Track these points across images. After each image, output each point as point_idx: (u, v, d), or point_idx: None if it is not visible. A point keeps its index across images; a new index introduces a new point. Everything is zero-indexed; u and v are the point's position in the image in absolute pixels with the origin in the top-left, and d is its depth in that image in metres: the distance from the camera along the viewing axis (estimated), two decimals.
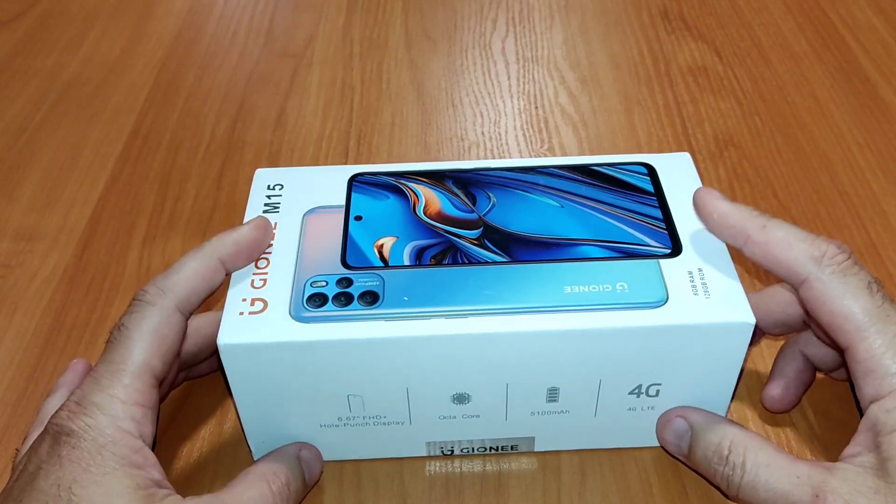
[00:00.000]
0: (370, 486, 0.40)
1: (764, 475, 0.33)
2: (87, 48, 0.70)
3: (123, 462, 0.32)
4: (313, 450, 0.39)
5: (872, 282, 0.34)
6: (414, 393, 0.36)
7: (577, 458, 0.40)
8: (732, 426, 0.36)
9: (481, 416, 0.38)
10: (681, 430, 0.37)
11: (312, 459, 0.38)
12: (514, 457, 0.40)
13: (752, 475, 0.34)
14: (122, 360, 0.33)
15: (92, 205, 0.55)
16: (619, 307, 0.35)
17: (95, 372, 0.34)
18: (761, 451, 0.34)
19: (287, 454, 0.38)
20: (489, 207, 0.40)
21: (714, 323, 0.34)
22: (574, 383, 0.36)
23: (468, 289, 0.36)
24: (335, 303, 0.35)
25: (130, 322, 0.34)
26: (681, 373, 0.36)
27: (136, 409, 0.33)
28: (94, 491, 0.31)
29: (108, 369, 0.33)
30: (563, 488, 0.39)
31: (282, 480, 0.36)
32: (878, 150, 0.57)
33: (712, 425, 0.36)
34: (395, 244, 0.38)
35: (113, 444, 0.32)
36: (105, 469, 0.31)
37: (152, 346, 0.34)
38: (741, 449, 0.34)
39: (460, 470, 0.40)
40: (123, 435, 0.32)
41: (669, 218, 0.39)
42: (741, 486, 0.34)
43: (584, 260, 0.37)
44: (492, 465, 0.40)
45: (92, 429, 0.32)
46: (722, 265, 0.36)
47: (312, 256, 0.37)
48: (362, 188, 0.41)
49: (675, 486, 0.39)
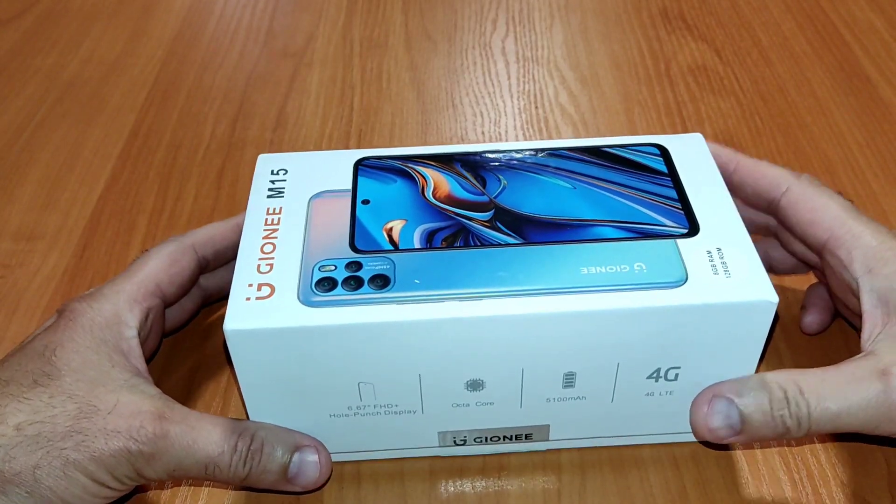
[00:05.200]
0: (370, 486, 0.39)
1: (827, 390, 0.33)
2: (87, 48, 0.70)
3: (109, 344, 0.36)
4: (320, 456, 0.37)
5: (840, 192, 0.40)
6: (427, 379, 0.36)
7: (577, 458, 0.40)
8: (766, 374, 0.35)
9: (495, 404, 0.37)
10: (725, 410, 0.35)
11: (309, 465, 0.37)
12: (515, 460, 0.40)
13: (816, 397, 0.33)
14: (136, 270, 0.39)
15: (92, 205, 0.55)
16: (638, 287, 0.34)
17: (114, 277, 0.39)
18: (810, 375, 0.34)
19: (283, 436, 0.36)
20: (500, 189, 0.39)
21: (736, 302, 0.34)
22: (591, 367, 0.36)
23: (481, 271, 0.35)
24: (345, 287, 0.35)
25: (152, 249, 0.40)
26: (701, 355, 0.35)
27: (137, 306, 0.37)
28: (73, 357, 0.35)
29: (122, 275, 0.39)
30: (563, 488, 0.39)
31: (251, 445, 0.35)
32: (878, 150, 0.57)
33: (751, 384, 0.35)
34: (404, 227, 0.37)
35: (107, 326, 0.36)
36: (90, 343, 0.35)
37: (164, 263, 0.39)
38: (792, 384, 0.34)
39: (461, 470, 0.40)
40: (119, 322, 0.37)
41: (685, 198, 0.38)
42: (812, 415, 0.33)
43: (600, 241, 0.36)
44: (492, 465, 0.40)
45: (93, 310, 0.36)
46: (741, 244, 0.36)
47: (320, 240, 0.37)
48: (369, 172, 0.40)
49: (675, 486, 0.39)
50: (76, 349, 0.35)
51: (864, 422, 0.33)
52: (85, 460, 0.32)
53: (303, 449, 0.37)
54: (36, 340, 0.36)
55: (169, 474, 0.34)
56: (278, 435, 0.36)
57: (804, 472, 0.39)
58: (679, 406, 0.37)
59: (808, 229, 0.39)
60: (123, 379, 0.35)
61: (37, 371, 0.34)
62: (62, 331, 0.36)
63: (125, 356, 0.36)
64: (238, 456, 0.35)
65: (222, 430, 0.35)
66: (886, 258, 0.36)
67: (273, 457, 0.36)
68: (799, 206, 0.39)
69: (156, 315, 0.39)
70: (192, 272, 0.41)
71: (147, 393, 0.35)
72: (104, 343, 0.36)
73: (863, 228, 0.37)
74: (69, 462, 0.32)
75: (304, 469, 0.36)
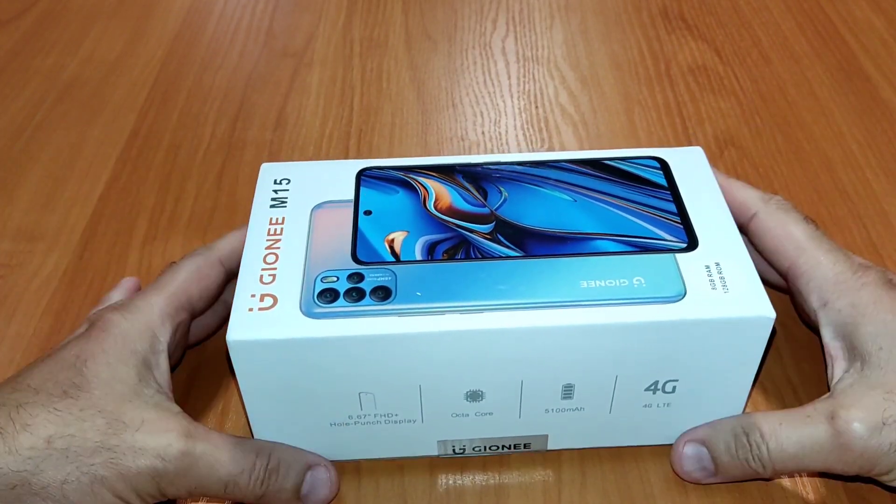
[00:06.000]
0: (370, 487, 0.39)
1: (784, 433, 0.35)
2: (87, 48, 0.70)
3: (139, 358, 0.36)
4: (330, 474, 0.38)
5: (808, 218, 0.40)
6: (427, 390, 0.36)
7: (577, 458, 0.40)
8: (736, 417, 0.37)
9: (494, 414, 0.37)
10: (697, 453, 0.38)
11: (320, 483, 0.37)
12: (514, 457, 0.40)
13: (774, 440, 0.35)
14: (167, 283, 0.39)
15: (92, 205, 0.55)
16: (637, 301, 0.34)
17: (144, 289, 0.39)
18: (770, 418, 0.36)
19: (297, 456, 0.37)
20: (501, 202, 0.39)
21: (734, 317, 0.34)
22: (590, 380, 0.36)
23: (482, 283, 0.35)
24: (347, 298, 0.35)
25: (181, 261, 0.40)
26: (698, 368, 0.36)
27: (168, 320, 0.37)
28: (103, 370, 0.35)
29: (153, 286, 0.39)
30: (563, 488, 0.39)
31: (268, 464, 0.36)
32: (878, 149, 0.57)
33: (721, 427, 0.37)
34: (406, 239, 0.37)
35: (138, 339, 0.36)
36: (121, 356, 0.35)
37: (193, 277, 0.39)
38: (754, 427, 0.36)
39: (461, 470, 0.40)
40: (151, 337, 0.37)
41: (684, 212, 0.38)
42: (772, 456, 0.35)
43: (600, 254, 0.36)
44: (493, 466, 0.40)
45: (126, 321, 0.36)
46: (739, 259, 0.36)
47: (322, 251, 0.37)
48: (371, 183, 0.41)
49: (675, 486, 0.39)
50: (107, 361, 0.35)
51: (821, 463, 0.35)
52: (112, 478, 0.33)
53: (314, 468, 0.37)
54: (67, 349, 0.36)
55: (189, 492, 0.35)
56: (292, 455, 0.37)
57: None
58: (676, 418, 0.38)
59: (773, 257, 0.40)
60: (149, 395, 0.35)
61: (66, 382, 0.34)
62: (94, 341, 0.35)
63: (153, 371, 0.36)
64: (256, 475, 0.35)
65: (242, 450, 0.35)
66: (840, 290, 0.37)
67: (288, 476, 0.36)
68: (764, 232, 0.40)
69: (184, 329, 0.39)
70: (220, 286, 0.41)
71: (171, 410, 0.35)
72: (134, 356, 0.36)
73: (821, 258, 0.38)
74: (97, 479, 0.32)
75: (316, 487, 0.37)
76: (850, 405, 0.34)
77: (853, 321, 0.36)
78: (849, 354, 0.36)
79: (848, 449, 0.34)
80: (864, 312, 0.36)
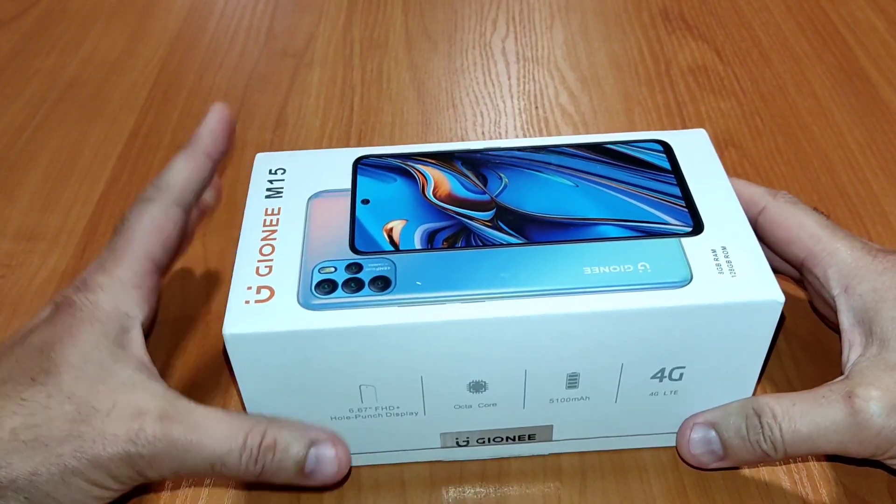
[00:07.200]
0: (370, 487, 0.39)
1: (797, 414, 0.34)
2: (87, 48, 0.70)
3: (110, 337, 0.34)
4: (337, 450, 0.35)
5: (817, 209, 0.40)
6: (428, 381, 0.35)
7: (577, 458, 0.40)
8: (745, 400, 0.36)
9: (498, 405, 0.37)
10: (706, 437, 0.37)
11: (326, 460, 0.35)
12: (515, 465, 0.40)
13: (788, 420, 0.34)
14: (125, 247, 0.37)
15: (92, 205, 0.55)
16: (643, 287, 0.34)
17: (100, 257, 0.37)
18: (783, 399, 0.35)
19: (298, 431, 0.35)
20: (501, 188, 0.39)
21: (742, 301, 0.33)
22: (595, 368, 0.35)
23: (483, 272, 0.35)
24: (345, 289, 0.34)
25: (132, 215, 0.37)
26: (706, 355, 0.35)
27: (136, 292, 0.36)
28: (72, 353, 0.33)
29: (111, 255, 0.37)
30: (563, 488, 0.39)
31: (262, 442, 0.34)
32: (878, 150, 0.57)
33: (731, 409, 0.36)
34: (405, 227, 0.37)
35: (106, 319, 0.35)
36: (89, 338, 0.34)
37: (152, 235, 0.37)
38: (766, 409, 0.35)
39: (460, 471, 0.39)
40: (118, 314, 0.35)
41: (689, 196, 0.38)
42: (784, 438, 0.34)
43: (604, 240, 0.36)
44: (492, 466, 0.40)
45: (91, 303, 0.35)
46: (746, 243, 0.36)
47: (319, 242, 0.36)
48: (368, 171, 0.40)
49: (675, 486, 0.39)
50: (75, 344, 0.34)
51: (836, 444, 0.34)
52: (84, 466, 0.32)
53: (319, 443, 0.35)
54: (33, 335, 0.34)
55: (173, 473, 0.34)
56: (293, 429, 0.35)
57: (804, 473, 0.39)
58: (683, 405, 0.37)
59: (786, 248, 0.39)
60: (126, 375, 0.34)
61: (35, 368, 0.33)
62: (60, 326, 0.34)
63: (128, 348, 0.35)
64: (248, 454, 0.33)
65: (229, 428, 0.33)
66: (861, 275, 0.36)
67: (287, 453, 0.34)
68: (775, 225, 0.39)
69: (154, 290, 0.38)
70: (181, 229, 0.39)
71: (150, 389, 0.34)
72: (105, 337, 0.34)
73: (839, 245, 0.38)
74: (67, 469, 0.32)
75: (322, 464, 0.35)
76: (868, 384, 0.34)
77: (874, 306, 0.36)
78: (866, 340, 0.36)
79: (865, 428, 0.33)
80: (887, 297, 0.35)
